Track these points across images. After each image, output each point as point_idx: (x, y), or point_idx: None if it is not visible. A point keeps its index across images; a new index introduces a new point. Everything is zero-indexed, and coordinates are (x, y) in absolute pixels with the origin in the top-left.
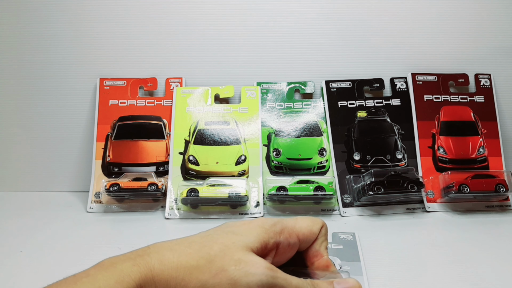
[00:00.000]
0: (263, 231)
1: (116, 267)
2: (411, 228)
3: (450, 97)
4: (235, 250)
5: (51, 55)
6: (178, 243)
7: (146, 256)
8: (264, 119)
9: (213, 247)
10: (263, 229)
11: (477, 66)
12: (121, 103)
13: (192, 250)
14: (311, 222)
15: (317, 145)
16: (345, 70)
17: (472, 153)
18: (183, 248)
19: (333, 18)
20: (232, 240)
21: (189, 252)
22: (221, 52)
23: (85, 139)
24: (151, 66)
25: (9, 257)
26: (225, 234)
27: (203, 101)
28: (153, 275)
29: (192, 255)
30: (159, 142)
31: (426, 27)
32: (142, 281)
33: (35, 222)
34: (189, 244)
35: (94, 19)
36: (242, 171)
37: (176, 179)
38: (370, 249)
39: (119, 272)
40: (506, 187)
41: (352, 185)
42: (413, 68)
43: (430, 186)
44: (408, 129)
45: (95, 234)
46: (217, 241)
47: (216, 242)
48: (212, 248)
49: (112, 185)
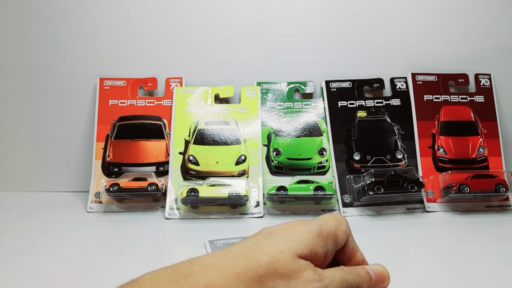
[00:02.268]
0: (311, 238)
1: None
2: (411, 228)
3: (450, 97)
4: (285, 262)
5: (51, 55)
6: (222, 258)
7: (191, 279)
8: (264, 119)
9: (261, 262)
10: (310, 236)
11: (477, 66)
12: (121, 103)
13: (240, 270)
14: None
15: (317, 145)
16: (345, 70)
17: (472, 153)
18: (230, 267)
19: (333, 18)
20: (279, 248)
21: (237, 272)
22: (221, 52)
23: (85, 139)
24: (151, 66)
25: (9, 257)
26: (270, 241)
27: (203, 101)
28: None
29: (241, 278)
30: (159, 142)
31: (426, 27)
32: None
33: (35, 222)
34: (234, 261)
35: (94, 19)
36: (242, 171)
37: (176, 179)
38: (370, 249)
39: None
40: (506, 187)
41: (352, 185)
42: (413, 68)
43: (430, 186)
44: (408, 129)
45: (95, 234)
46: (263, 251)
47: (263, 252)
48: (260, 264)
49: (112, 185)
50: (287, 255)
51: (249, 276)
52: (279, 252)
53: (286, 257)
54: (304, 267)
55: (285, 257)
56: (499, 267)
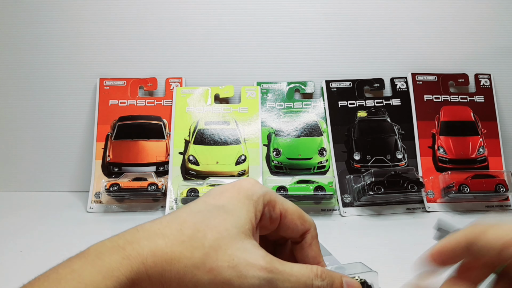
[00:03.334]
0: (251, 204)
1: (104, 260)
2: (411, 228)
3: (450, 97)
4: (229, 240)
5: (51, 55)
6: (168, 225)
7: (136, 245)
8: (264, 119)
9: (207, 236)
10: (251, 202)
11: (477, 66)
12: (121, 103)
13: (185, 238)
14: (303, 213)
15: (317, 145)
16: (345, 70)
17: (472, 153)
18: (176, 234)
19: (333, 18)
20: (225, 225)
21: (182, 240)
22: (221, 52)
23: (85, 139)
24: (151, 66)
25: (9, 257)
26: (217, 212)
27: (203, 101)
28: (146, 268)
29: (186, 245)
30: (159, 142)
31: (426, 27)
32: (135, 275)
33: (35, 222)
34: (180, 229)
35: (94, 19)
36: (242, 171)
37: (176, 179)
38: (370, 249)
39: (107, 266)
40: (506, 187)
41: (352, 185)
42: (413, 68)
43: (430, 186)
44: (408, 129)
45: (95, 234)
46: (210, 225)
47: (209, 226)
48: (206, 237)
49: (112, 185)
50: (232, 234)
51: (194, 245)
52: (225, 230)
53: (231, 236)
54: (251, 247)
55: (230, 236)
56: None
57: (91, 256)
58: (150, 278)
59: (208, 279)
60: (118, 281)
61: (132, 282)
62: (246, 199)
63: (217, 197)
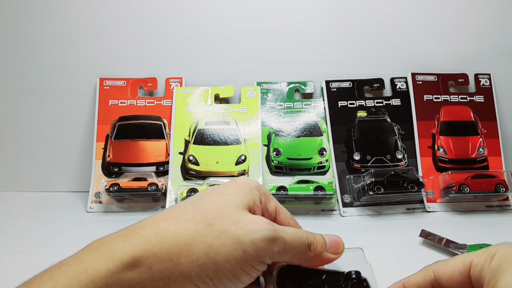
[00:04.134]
0: (247, 189)
1: (106, 246)
2: (411, 228)
3: (450, 97)
4: (230, 210)
5: (51, 55)
6: (170, 212)
7: (139, 230)
8: (264, 119)
9: (208, 210)
10: (248, 188)
11: (477, 66)
12: (121, 103)
13: (187, 216)
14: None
15: (317, 145)
16: (345, 70)
17: (472, 153)
18: (178, 216)
19: (333, 18)
20: (224, 200)
21: (185, 218)
22: (221, 52)
23: (85, 139)
24: (151, 66)
25: (9, 257)
26: (215, 195)
27: (203, 101)
28: (151, 246)
29: (190, 221)
30: (159, 142)
31: (426, 27)
32: (138, 253)
33: (35, 222)
34: (181, 211)
35: (94, 19)
36: (242, 171)
37: (176, 179)
38: (370, 249)
39: (109, 250)
40: (506, 187)
41: (352, 185)
42: (413, 68)
43: (430, 186)
44: (408, 129)
45: (95, 234)
46: (210, 203)
47: (209, 203)
48: (207, 211)
49: (112, 185)
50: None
51: (197, 220)
52: (224, 204)
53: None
54: (251, 215)
55: (231, 207)
56: None
57: (93, 245)
58: (156, 254)
59: (218, 244)
60: (121, 260)
61: (136, 260)
62: (243, 185)
63: (214, 187)
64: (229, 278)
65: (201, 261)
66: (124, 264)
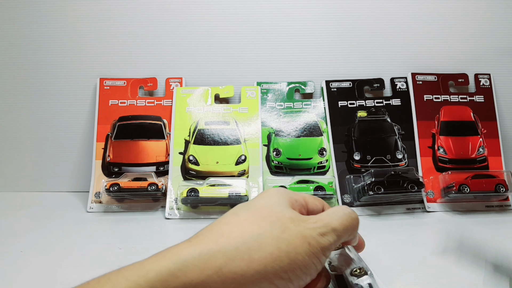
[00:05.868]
0: (281, 193)
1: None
2: (411, 228)
3: (450, 97)
4: (281, 210)
5: (51, 55)
6: (225, 218)
7: (202, 236)
8: (264, 119)
9: (262, 211)
10: (279, 191)
11: (477, 66)
12: (121, 103)
13: (246, 217)
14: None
15: (317, 145)
16: (345, 70)
17: (472, 153)
18: (235, 218)
19: (333, 18)
20: (270, 202)
21: (244, 219)
22: (221, 52)
23: (85, 139)
24: (151, 66)
25: (9, 257)
26: (261, 199)
27: (203, 101)
28: (219, 247)
29: (250, 221)
30: (159, 142)
31: (426, 27)
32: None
33: (35, 222)
34: (237, 215)
35: (94, 19)
36: (242, 171)
37: (176, 179)
38: (370, 249)
39: (172, 254)
40: (506, 187)
41: (352, 185)
42: (413, 68)
43: (430, 186)
44: (408, 129)
45: (95, 234)
46: (259, 206)
47: (259, 206)
48: (262, 212)
49: (112, 185)
50: (280, 208)
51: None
52: (272, 205)
53: (280, 210)
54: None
55: (280, 209)
56: None
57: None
58: (226, 255)
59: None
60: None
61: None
62: (273, 191)
63: (251, 200)
64: (302, 269)
65: (275, 254)
66: (189, 268)
